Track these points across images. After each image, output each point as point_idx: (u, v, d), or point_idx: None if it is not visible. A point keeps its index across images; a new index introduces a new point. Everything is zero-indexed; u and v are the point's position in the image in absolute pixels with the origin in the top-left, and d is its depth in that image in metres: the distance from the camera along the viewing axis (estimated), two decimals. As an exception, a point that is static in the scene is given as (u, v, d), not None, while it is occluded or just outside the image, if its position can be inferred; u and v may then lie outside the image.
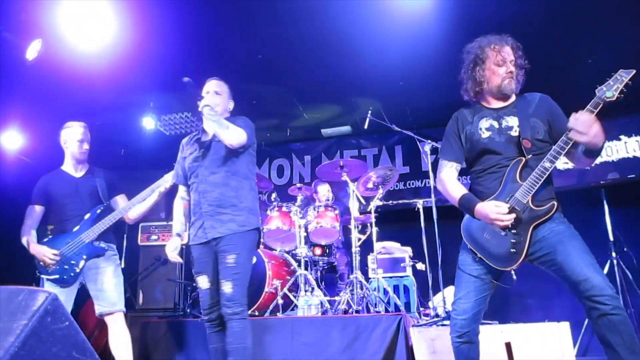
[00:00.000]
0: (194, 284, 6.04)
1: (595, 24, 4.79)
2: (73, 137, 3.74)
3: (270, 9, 4.44)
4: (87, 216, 3.61)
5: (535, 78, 2.76)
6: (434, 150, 5.09)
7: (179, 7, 4.46)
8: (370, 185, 5.22)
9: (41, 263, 3.49)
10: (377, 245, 5.14)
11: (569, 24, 4.80)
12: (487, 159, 2.53)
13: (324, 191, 5.77)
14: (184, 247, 3.38)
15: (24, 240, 3.60)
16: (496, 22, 4.60)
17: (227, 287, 2.90)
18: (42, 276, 3.51)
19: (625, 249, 5.22)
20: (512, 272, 2.42)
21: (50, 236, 3.62)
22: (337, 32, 4.87)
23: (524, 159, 2.42)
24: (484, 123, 2.57)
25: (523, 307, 5.93)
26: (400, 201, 5.43)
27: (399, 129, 5.21)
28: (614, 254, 5.17)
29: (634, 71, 2.24)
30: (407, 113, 6.59)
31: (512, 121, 2.52)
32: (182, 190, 3.40)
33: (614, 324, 2.11)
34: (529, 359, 3.45)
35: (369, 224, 5.19)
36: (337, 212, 5.10)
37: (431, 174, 4.87)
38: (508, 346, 3.49)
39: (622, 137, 5.88)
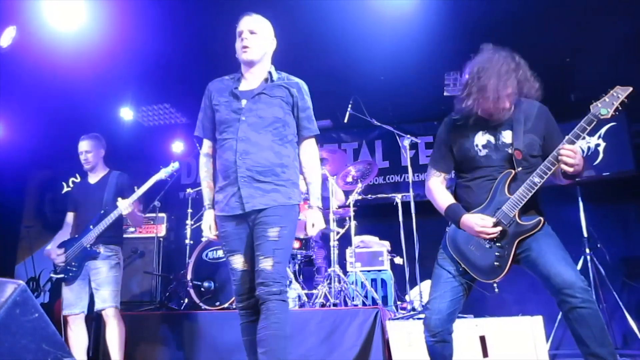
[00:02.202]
0: (171, 277, 6.06)
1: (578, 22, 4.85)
2: (79, 151, 4.11)
3: (253, 1, 4.40)
4: (90, 222, 3.91)
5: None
6: (413, 146, 5.12)
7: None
8: (349, 179, 5.22)
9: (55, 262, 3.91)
10: (356, 239, 5.15)
11: (549, 22, 4.85)
12: (478, 172, 2.51)
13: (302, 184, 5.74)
14: (161, 239, 3.35)
15: None
16: (477, 18, 4.69)
17: (266, 264, 2.49)
18: (52, 275, 3.96)
19: (598, 245, 5.31)
20: (495, 284, 2.41)
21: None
22: (318, 26, 4.86)
23: (513, 171, 2.41)
24: (480, 139, 2.51)
25: (499, 301, 5.99)
26: (379, 195, 5.45)
27: (379, 124, 5.22)
28: (587, 250, 5.25)
29: (631, 88, 2.21)
30: (388, 107, 6.60)
31: (508, 137, 2.46)
32: (207, 146, 2.92)
33: (584, 317, 2.13)
34: (503, 353, 3.50)
35: (347, 218, 5.20)
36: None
37: (410, 169, 4.89)
38: (482, 340, 3.54)
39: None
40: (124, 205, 3.80)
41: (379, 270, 5.19)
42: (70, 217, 4.15)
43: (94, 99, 6.09)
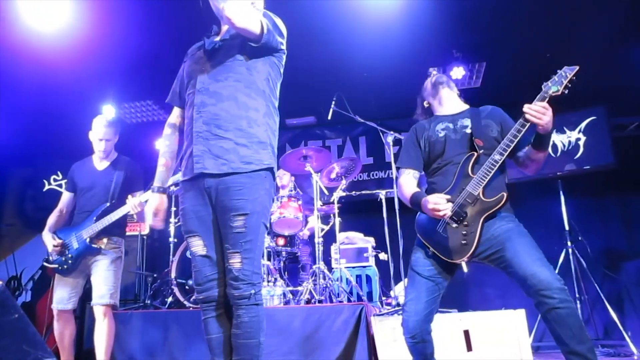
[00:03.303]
0: (155, 275, 6.02)
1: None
2: (95, 134, 3.80)
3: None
4: (93, 212, 3.67)
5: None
6: (397, 142, 5.13)
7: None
8: (333, 175, 5.23)
9: (49, 250, 3.68)
10: (341, 236, 5.16)
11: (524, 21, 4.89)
12: (442, 158, 2.61)
13: (286, 180, 5.73)
14: (144, 237, 3.28)
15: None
16: (460, 14, 4.72)
17: (235, 260, 2.14)
18: (44, 263, 3.70)
19: (580, 238, 5.37)
20: (463, 264, 2.46)
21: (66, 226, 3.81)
22: (301, 23, 4.83)
23: (475, 153, 2.50)
24: (440, 126, 2.69)
25: (482, 295, 6.06)
26: (363, 192, 5.46)
27: (363, 120, 5.23)
28: (569, 243, 5.31)
29: (577, 67, 2.31)
30: (372, 104, 6.61)
31: (467, 122, 2.63)
32: (174, 114, 2.55)
33: (562, 317, 2.15)
34: (487, 347, 3.54)
35: (332, 215, 5.21)
36: (300, 202, 5.10)
37: (393, 165, 4.91)
38: (466, 334, 3.57)
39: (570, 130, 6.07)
40: (134, 204, 3.54)
41: (364, 267, 5.21)
42: (67, 197, 3.87)
43: (75, 96, 6.02)
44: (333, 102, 5.16)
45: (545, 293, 2.17)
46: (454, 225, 2.45)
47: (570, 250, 5.27)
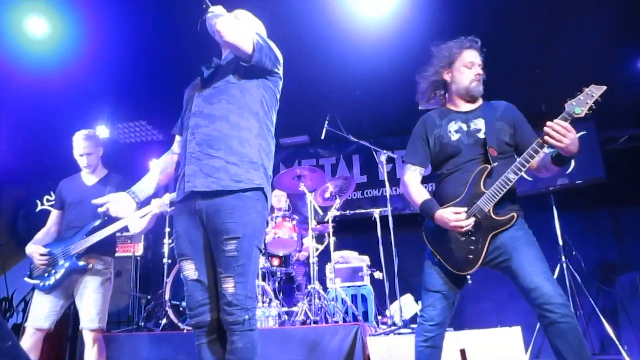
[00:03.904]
0: (149, 297, 5.98)
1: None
2: (75, 150, 3.71)
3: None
4: (84, 228, 3.51)
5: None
6: (390, 160, 5.16)
7: (134, 15, 4.40)
8: (327, 195, 5.23)
9: (32, 265, 3.49)
10: (335, 255, 5.15)
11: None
12: (453, 162, 2.56)
13: (281, 201, 5.73)
14: (138, 258, 3.24)
15: None
16: (450, 32, 4.76)
17: (228, 285, 2.11)
18: (26, 278, 3.49)
19: (574, 253, 5.39)
20: (468, 277, 2.47)
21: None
22: (293, 43, 4.87)
23: (489, 166, 2.45)
24: (453, 126, 2.61)
25: (478, 311, 6.05)
26: (357, 211, 5.46)
27: (356, 139, 5.26)
28: (563, 258, 5.32)
29: (605, 87, 2.22)
30: (364, 122, 6.65)
31: (480, 124, 2.56)
32: (176, 141, 2.60)
33: (563, 331, 2.17)
34: (483, 365, 3.53)
35: (326, 234, 5.20)
36: (294, 222, 5.09)
37: (387, 184, 4.92)
38: (463, 353, 3.56)
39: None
40: (159, 204, 3.37)
41: (359, 286, 5.19)
42: (55, 215, 3.71)
43: (69, 117, 6.02)
44: (326, 122, 5.19)
45: (547, 307, 2.19)
46: (462, 238, 2.45)
47: (564, 264, 5.28)
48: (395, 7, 4.38)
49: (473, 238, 2.42)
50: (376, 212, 5.11)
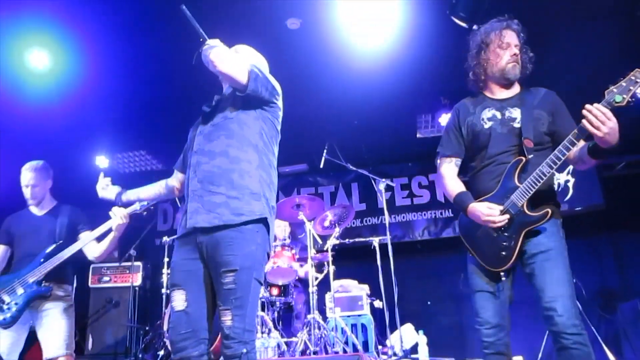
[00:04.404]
0: (147, 328, 5.92)
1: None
2: (22, 182, 3.67)
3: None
4: (38, 254, 3.41)
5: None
6: (389, 188, 5.18)
7: (133, 46, 4.46)
8: (327, 223, 5.23)
9: None
10: (335, 284, 5.12)
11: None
12: (486, 154, 2.48)
13: (285, 230, 5.71)
14: (136, 288, 3.18)
15: None
16: (445, 62, 4.83)
17: (226, 317, 2.08)
18: None
19: (574, 280, 5.35)
20: (502, 274, 2.38)
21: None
22: (292, 73, 4.94)
23: (524, 159, 2.36)
24: (487, 113, 2.51)
25: (479, 342, 5.98)
26: (356, 239, 5.45)
27: (354, 168, 5.29)
28: (564, 286, 5.29)
29: None
30: (363, 150, 6.70)
31: (516, 113, 2.46)
32: (173, 175, 2.77)
33: (573, 357, 2.15)
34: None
35: (326, 263, 5.18)
36: (294, 251, 5.08)
37: (386, 212, 4.93)
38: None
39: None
40: (123, 214, 3.25)
41: (359, 315, 5.14)
42: (1, 250, 3.59)
43: (68, 147, 6.06)
44: (325, 150, 5.22)
45: (560, 333, 2.18)
46: (495, 234, 2.37)
47: (565, 293, 5.24)
48: (391, 37, 4.45)
49: (506, 234, 2.34)
50: (375, 241, 5.10)
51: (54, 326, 3.35)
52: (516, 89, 2.58)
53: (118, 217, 3.29)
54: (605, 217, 5.91)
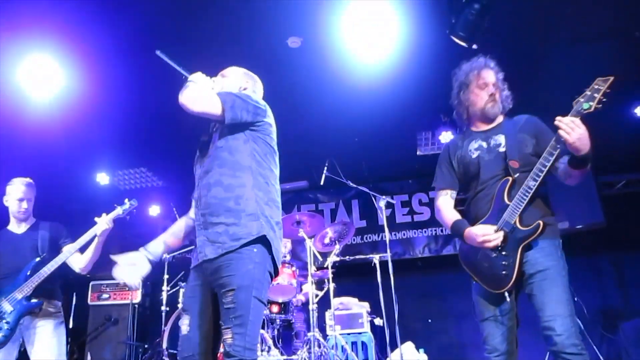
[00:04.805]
0: (146, 346, 5.88)
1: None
2: (13, 194, 3.62)
3: (225, 65, 4.50)
4: (23, 269, 3.37)
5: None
6: (389, 205, 5.18)
7: (134, 64, 4.49)
8: (327, 240, 5.23)
9: None
10: (335, 301, 5.10)
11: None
12: (478, 181, 2.57)
13: (287, 246, 5.70)
14: (136, 305, 3.18)
15: None
16: (446, 79, 4.87)
17: (226, 337, 2.11)
18: None
19: (575, 299, 5.33)
20: (506, 293, 2.40)
21: None
22: (293, 90, 4.99)
23: (510, 178, 2.44)
24: (474, 144, 2.63)
25: (479, 357, 5.94)
26: (357, 257, 5.44)
27: (355, 185, 5.30)
28: (565, 304, 5.26)
29: (612, 78, 2.22)
30: (363, 167, 6.71)
31: (500, 139, 2.56)
32: (192, 206, 2.66)
33: None
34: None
35: (326, 280, 5.17)
36: (294, 268, 5.07)
37: (386, 229, 4.92)
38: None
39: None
40: (106, 220, 3.30)
41: (359, 333, 5.12)
42: None
43: (69, 164, 6.08)
44: (325, 167, 5.24)
45: (559, 352, 2.21)
46: (494, 254, 2.41)
47: (566, 311, 5.21)
48: (392, 55, 4.48)
49: (504, 253, 2.38)
50: (376, 258, 5.09)
51: (46, 343, 3.29)
52: (499, 119, 2.69)
53: (103, 222, 3.34)
54: (607, 236, 5.89)
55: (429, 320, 6.60)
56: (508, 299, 2.40)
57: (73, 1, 3.75)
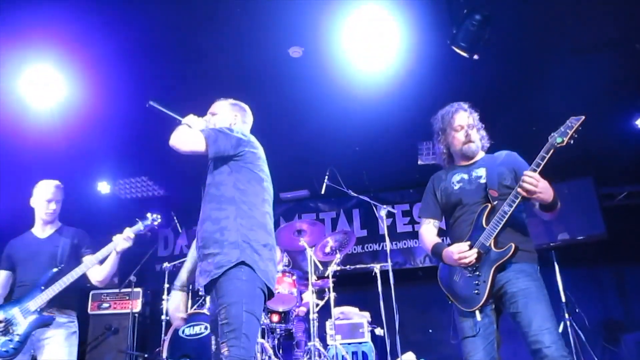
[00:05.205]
0: (146, 355, 5.85)
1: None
2: (42, 195, 3.58)
3: (226, 75, 4.54)
4: (38, 281, 3.31)
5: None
6: (390, 214, 5.17)
7: (135, 73, 4.51)
8: (328, 249, 5.22)
9: None
10: (336, 311, 5.08)
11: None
12: (459, 209, 2.74)
13: (278, 255, 5.69)
14: (136, 314, 3.15)
15: None
16: (447, 89, 4.89)
17: (223, 351, 2.26)
18: None
19: (577, 310, 5.32)
20: (477, 312, 2.51)
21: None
22: (294, 99, 5.01)
23: (490, 204, 2.61)
24: (456, 177, 2.82)
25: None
26: (357, 266, 5.43)
27: (356, 194, 5.30)
28: (566, 315, 5.24)
29: (583, 117, 2.41)
30: (364, 176, 6.72)
31: (481, 172, 2.75)
32: None
33: None
34: None
35: (327, 289, 5.15)
36: (294, 277, 5.06)
37: (387, 238, 4.92)
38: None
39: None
40: (124, 237, 3.30)
41: (360, 342, 5.09)
42: (3, 277, 3.50)
43: (70, 174, 6.04)
44: (326, 177, 5.25)
45: None
46: (468, 274, 2.55)
47: (567, 322, 5.19)
48: (393, 65, 4.50)
49: (477, 273, 2.53)
50: (377, 267, 5.08)
51: (55, 353, 3.24)
52: (480, 155, 2.89)
53: (122, 239, 3.35)
54: (608, 247, 5.87)
55: (430, 331, 6.57)
56: (479, 319, 2.52)
57: (74, 12, 3.78)
